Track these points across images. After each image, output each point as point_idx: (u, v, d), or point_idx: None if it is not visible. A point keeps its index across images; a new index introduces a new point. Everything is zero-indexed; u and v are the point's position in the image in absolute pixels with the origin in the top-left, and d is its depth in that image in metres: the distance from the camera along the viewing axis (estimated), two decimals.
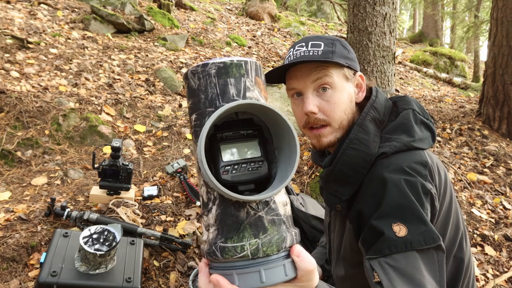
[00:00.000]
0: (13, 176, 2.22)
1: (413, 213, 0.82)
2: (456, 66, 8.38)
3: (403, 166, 0.86)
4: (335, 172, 0.94)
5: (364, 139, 0.92)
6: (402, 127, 0.94)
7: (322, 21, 11.22)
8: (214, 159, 0.60)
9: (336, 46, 0.96)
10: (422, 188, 0.84)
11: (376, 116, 0.96)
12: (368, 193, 0.89)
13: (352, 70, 0.98)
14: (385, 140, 0.93)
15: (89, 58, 3.85)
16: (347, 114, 0.96)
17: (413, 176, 0.85)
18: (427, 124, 0.97)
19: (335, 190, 0.96)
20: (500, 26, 3.75)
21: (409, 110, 0.97)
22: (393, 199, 0.84)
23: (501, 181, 3.00)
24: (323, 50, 0.94)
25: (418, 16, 18.41)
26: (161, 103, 3.45)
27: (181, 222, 2.02)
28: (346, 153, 0.92)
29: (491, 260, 2.17)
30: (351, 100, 0.97)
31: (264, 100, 0.62)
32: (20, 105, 2.64)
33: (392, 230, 0.81)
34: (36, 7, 4.74)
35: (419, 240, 0.79)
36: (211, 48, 5.59)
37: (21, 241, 1.66)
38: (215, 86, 0.59)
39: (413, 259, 0.78)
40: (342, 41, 0.99)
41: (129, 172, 2.01)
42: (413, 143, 0.90)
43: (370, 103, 0.97)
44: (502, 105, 3.75)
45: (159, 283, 1.66)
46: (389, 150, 0.89)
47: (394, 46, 2.81)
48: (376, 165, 0.90)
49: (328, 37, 0.98)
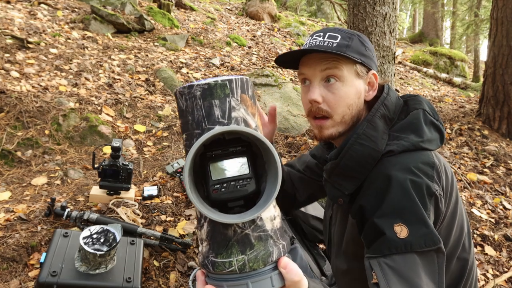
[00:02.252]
0: (13, 176, 2.22)
1: (415, 214, 0.81)
2: (456, 66, 8.38)
3: (410, 166, 0.86)
4: (340, 165, 0.93)
5: (372, 135, 0.91)
6: (411, 126, 0.93)
7: (322, 21, 11.22)
8: (205, 177, 0.62)
9: (353, 41, 0.95)
10: (427, 189, 0.84)
11: (386, 113, 0.95)
12: (372, 189, 0.89)
13: (366, 67, 0.97)
14: (393, 138, 0.92)
15: (89, 58, 3.85)
16: (351, 109, 0.96)
17: (419, 176, 0.84)
18: (436, 125, 0.96)
19: (339, 184, 0.96)
20: (500, 26, 3.75)
21: (419, 110, 0.96)
22: (397, 199, 0.83)
23: (501, 181, 3.00)
24: (338, 43, 0.93)
25: (418, 16, 18.41)
26: (161, 103, 3.45)
27: (181, 222, 2.02)
28: (353, 147, 0.91)
29: (491, 260, 2.17)
30: (359, 96, 0.97)
31: (251, 117, 0.64)
32: (20, 105, 2.64)
33: (393, 230, 0.81)
34: (36, 7, 4.74)
35: (419, 242, 0.79)
36: (211, 48, 5.59)
37: (21, 241, 1.66)
38: (200, 108, 0.61)
39: (412, 261, 0.78)
40: (362, 37, 0.98)
41: (129, 172, 2.01)
42: (421, 144, 0.89)
43: (381, 99, 0.96)
44: (502, 105, 3.75)
45: (159, 283, 1.66)
46: (396, 148, 0.89)
47: (394, 46, 2.81)
48: (382, 162, 0.90)
49: (348, 31, 0.97)
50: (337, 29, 0.98)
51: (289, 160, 2.79)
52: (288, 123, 3.52)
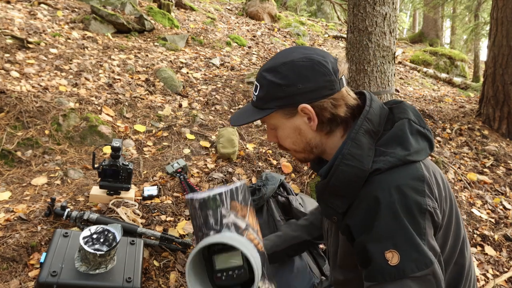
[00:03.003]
0: (13, 176, 2.22)
1: (405, 238, 0.81)
2: (456, 66, 8.38)
3: (398, 184, 0.84)
4: (330, 185, 0.93)
5: (357, 154, 0.89)
6: (397, 139, 0.91)
7: (322, 21, 11.22)
8: (211, 265, 0.84)
9: (267, 89, 0.94)
10: (417, 207, 0.83)
11: (370, 128, 0.92)
12: (359, 209, 0.88)
13: (290, 107, 0.94)
14: (380, 153, 0.90)
15: (89, 58, 3.86)
16: (297, 145, 0.99)
17: (408, 196, 0.83)
18: (423, 134, 0.94)
19: (331, 203, 0.96)
20: (500, 26, 3.75)
21: (404, 120, 0.94)
22: (386, 224, 0.83)
23: (501, 181, 3.00)
24: (257, 96, 0.98)
25: (418, 16, 18.41)
26: (161, 103, 3.45)
27: (181, 222, 2.02)
28: (339, 168, 0.90)
29: (491, 260, 2.17)
30: (299, 132, 0.97)
31: (240, 219, 0.86)
32: (20, 105, 2.64)
33: (384, 257, 0.81)
34: (36, 7, 4.74)
35: (411, 267, 0.79)
36: (211, 48, 5.59)
37: (21, 241, 1.66)
38: (200, 217, 0.84)
39: (407, 286, 0.80)
40: (281, 73, 0.92)
41: (129, 172, 2.01)
42: (408, 157, 0.87)
43: (363, 114, 0.93)
44: (502, 105, 3.75)
45: (159, 283, 1.66)
46: (383, 166, 0.87)
47: (394, 46, 2.81)
48: (370, 181, 0.88)
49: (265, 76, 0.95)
50: (260, 75, 0.97)
51: (289, 160, 2.79)
52: None
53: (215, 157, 2.73)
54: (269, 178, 1.84)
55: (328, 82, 0.92)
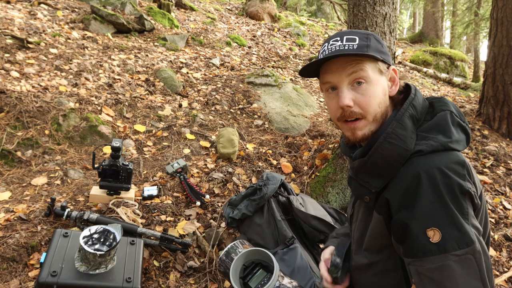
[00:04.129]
0: (13, 176, 2.22)
1: (447, 217, 0.82)
2: (456, 66, 8.38)
3: (440, 166, 0.86)
4: (369, 163, 0.95)
5: (402, 134, 0.92)
6: (439, 127, 0.94)
7: (322, 21, 11.22)
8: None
9: (371, 40, 0.97)
10: (459, 188, 0.84)
11: (414, 113, 0.96)
12: (400, 186, 0.90)
13: (386, 64, 0.99)
14: (422, 138, 0.93)
15: (89, 58, 3.85)
16: (381, 107, 0.98)
17: (450, 177, 0.85)
18: (463, 127, 0.98)
19: (365, 182, 0.97)
20: (500, 26, 3.75)
21: (446, 111, 0.98)
22: (429, 202, 0.84)
23: (501, 181, 3.00)
24: (358, 44, 0.95)
25: (418, 16, 18.41)
26: (161, 103, 3.45)
27: (181, 222, 2.02)
28: (382, 146, 0.92)
29: (491, 260, 2.17)
30: (385, 93, 0.99)
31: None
32: (20, 105, 2.64)
33: (426, 235, 0.83)
34: (36, 7, 4.74)
35: (452, 245, 0.81)
36: (211, 48, 5.59)
37: (21, 241, 1.66)
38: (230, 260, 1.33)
39: (447, 267, 0.81)
40: (376, 36, 1.01)
41: (129, 172, 2.01)
42: (450, 144, 0.90)
43: (409, 100, 0.97)
44: (502, 105, 3.75)
45: (159, 283, 1.66)
46: (426, 148, 0.90)
47: (394, 46, 2.81)
48: (411, 162, 0.90)
49: (363, 32, 0.99)
50: (352, 31, 0.99)
51: (289, 160, 2.79)
52: (288, 123, 3.52)
53: (215, 157, 2.73)
54: (269, 178, 1.84)
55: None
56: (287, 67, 5.40)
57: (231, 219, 1.78)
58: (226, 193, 2.33)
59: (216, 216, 2.12)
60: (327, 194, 2.36)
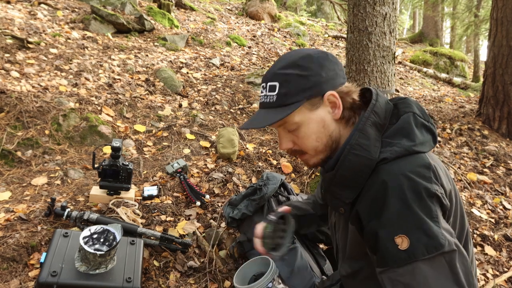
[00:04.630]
0: (13, 176, 2.22)
1: (414, 223, 0.82)
2: (456, 66, 8.38)
3: (405, 172, 0.86)
4: (337, 176, 0.95)
5: (365, 144, 0.92)
6: (402, 131, 0.94)
7: (322, 21, 11.22)
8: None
9: (290, 83, 0.93)
10: (426, 192, 0.84)
11: (376, 120, 0.95)
12: (368, 197, 0.90)
13: (317, 96, 0.95)
14: (386, 144, 0.92)
15: (89, 58, 3.86)
16: (320, 140, 0.97)
17: (415, 181, 0.84)
18: (427, 127, 0.97)
19: (338, 194, 0.97)
20: (500, 26, 3.75)
21: (409, 113, 0.97)
22: (395, 209, 0.84)
23: (501, 181, 3.00)
24: (278, 94, 0.94)
25: (418, 16, 18.41)
26: (161, 103, 3.45)
27: (181, 222, 2.02)
28: (347, 158, 0.92)
29: (491, 260, 2.17)
30: (324, 125, 0.96)
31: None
32: (20, 105, 2.64)
33: (394, 242, 0.82)
34: (36, 7, 4.74)
35: (421, 251, 0.80)
36: (211, 48, 5.59)
37: (21, 241, 1.66)
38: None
39: (418, 271, 0.80)
40: (301, 65, 0.94)
41: (129, 172, 2.01)
42: (414, 147, 0.90)
43: (370, 107, 0.96)
44: (502, 105, 3.75)
45: (159, 283, 1.66)
46: (390, 155, 0.89)
47: (394, 46, 2.81)
48: (377, 170, 0.90)
49: (284, 72, 0.94)
50: (275, 74, 0.95)
51: (289, 160, 2.79)
52: None
53: (215, 157, 2.73)
54: (270, 177, 1.84)
55: (341, 71, 0.98)
56: None
57: (231, 219, 1.78)
58: (226, 193, 2.33)
59: (216, 216, 2.12)
60: None
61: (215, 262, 1.79)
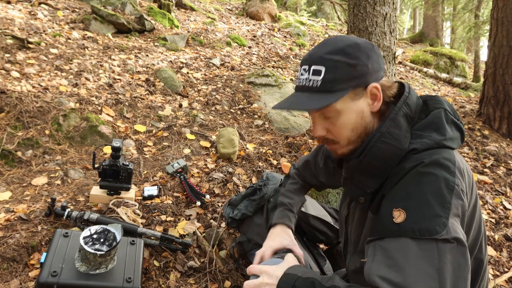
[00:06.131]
0: (13, 176, 2.22)
1: (419, 203, 0.81)
2: (457, 66, 8.38)
3: (431, 160, 0.86)
4: (363, 164, 0.94)
5: (396, 134, 0.92)
6: (433, 125, 0.94)
7: (322, 21, 11.22)
8: None
9: (338, 69, 0.91)
10: (445, 182, 0.83)
11: (408, 112, 0.96)
12: (392, 182, 0.90)
13: (361, 87, 0.94)
14: (416, 136, 0.93)
15: (89, 58, 3.86)
16: (355, 131, 0.96)
17: (439, 170, 0.84)
18: (457, 124, 0.97)
19: (361, 182, 0.97)
20: (501, 26, 3.75)
21: (441, 109, 0.97)
22: (405, 185, 0.85)
23: (501, 181, 3.00)
24: (324, 79, 0.91)
25: (418, 16, 18.40)
26: (161, 103, 3.45)
27: (181, 222, 2.02)
28: (376, 146, 0.92)
29: (491, 260, 2.17)
30: (361, 116, 0.96)
31: None
32: (21, 105, 2.64)
33: (391, 214, 0.83)
34: (36, 7, 4.74)
35: (413, 229, 0.79)
36: (211, 48, 5.59)
37: (21, 241, 1.66)
38: None
39: (404, 245, 0.78)
40: (351, 52, 0.92)
41: (129, 172, 2.01)
42: (444, 142, 0.90)
43: (403, 98, 0.97)
44: (503, 105, 3.75)
45: (159, 283, 1.66)
46: (420, 146, 0.90)
47: (394, 46, 2.81)
48: (405, 160, 0.90)
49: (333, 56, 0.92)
50: (321, 58, 0.93)
51: (289, 160, 2.79)
52: (288, 123, 3.52)
53: (215, 157, 2.73)
54: (270, 178, 1.84)
55: (383, 64, 0.99)
56: (287, 67, 5.40)
57: (231, 219, 1.78)
58: (226, 193, 2.33)
59: (216, 216, 2.12)
60: (327, 194, 2.36)
61: (215, 262, 1.79)
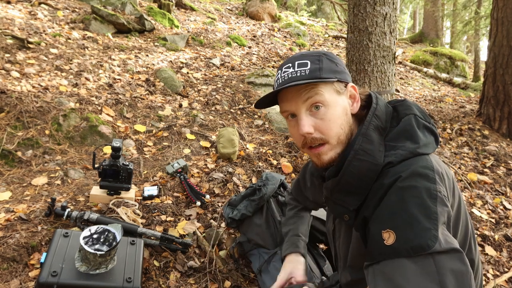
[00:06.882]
0: (13, 176, 2.22)
1: (405, 220, 0.79)
2: (457, 66, 8.38)
3: (409, 173, 0.85)
4: (341, 183, 0.93)
5: (369, 149, 0.91)
6: (405, 133, 0.93)
7: (322, 21, 11.22)
8: None
9: (323, 62, 0.94)
10: (427, 193, 0.82)
11: (378, 124, 0.94)
12: (374, 200, 0.89)
13: (343, 82, 0.96)
14: (390, 148, 0.91)
15: (89, 58, 3.86)
16: (344, 128, 0.95)
17: (417, 180, 0.83)
18: (429, 128, 0.96)
19: (341, 201, 0.95)
20: (501, 26, 3.75)
21: (410, 115, 0.95)
22: (389, 204, 0.83)
23: (501, 181, 3.00)
24: (310, 69, 0.92)
25: (418, 16, 18.40)
26: (161, 103, 3.45)
27: (181, 222, 2.02)
28: (352, 164, 0.91)
29: (491, 260, 2.17)
30: (346, 113, 0.96)
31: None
32: (21, 105, 2.64)
33: (381, 237, 0.81)
34: (36, 7, 4.74)
35: (406, 249, 0.77)
36: (211, 48, 5.59)
37: (21, 241, 1.66)
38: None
39: (401, 266, 0.77)
40: (329, 55, 0.97)
41: (129, 172, 2.01)
42: (418, 150, 0.89)
43: (371, 111, 0.95)
44: (503, 105, 3.75)
45: (159, 283, 1.66)
46: (395, 159, 0.88)
47: (394, 46, 2.81)
48: (383, 174, 0.89)
49: (314, 53, 0.96)
50: (303, 55, 0.96)
51: (289, 160, 2.79)
52: None
53: (215, 157, 2.73)
54: (269, 178, 1.84)
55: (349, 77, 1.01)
56: None
57: (230, 220, 1.78)
58: (226, 193, 2.33)
59: (216, 216, 2.12)
60: None
61: (215, 262, 1.79)
